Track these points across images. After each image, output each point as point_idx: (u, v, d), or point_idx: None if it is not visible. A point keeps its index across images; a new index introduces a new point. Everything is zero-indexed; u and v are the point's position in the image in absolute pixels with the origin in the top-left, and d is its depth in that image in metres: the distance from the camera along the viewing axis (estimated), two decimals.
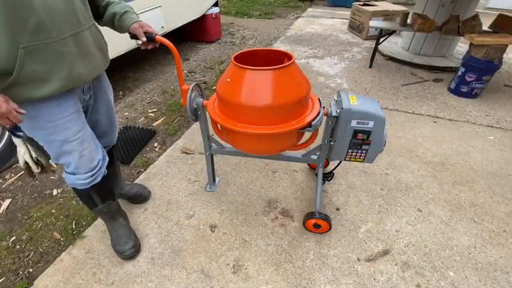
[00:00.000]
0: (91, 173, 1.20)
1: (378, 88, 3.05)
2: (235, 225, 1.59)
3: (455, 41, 3.52)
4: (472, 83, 2.71)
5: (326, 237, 1.52)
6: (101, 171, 1.24)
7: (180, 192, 1.80)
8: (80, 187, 1.22)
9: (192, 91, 1.30)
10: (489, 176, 1.90)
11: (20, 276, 1.38)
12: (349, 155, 1.33)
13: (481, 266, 1.38)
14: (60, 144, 1.07)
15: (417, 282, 1.32)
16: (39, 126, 1.03)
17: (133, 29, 1.15)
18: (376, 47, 3.39)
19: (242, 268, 1.38)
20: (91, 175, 1.20)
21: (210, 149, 1.62)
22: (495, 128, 2.39)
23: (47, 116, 1.01)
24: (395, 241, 1.50)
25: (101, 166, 1.24)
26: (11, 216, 1.68)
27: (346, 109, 1.17)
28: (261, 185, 1.85)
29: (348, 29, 5.01)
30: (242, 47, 4.27)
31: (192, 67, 3.66)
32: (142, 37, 1.15)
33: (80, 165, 1.16)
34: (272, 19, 5.89)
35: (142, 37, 1.15)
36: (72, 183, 1.21)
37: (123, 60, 3.77)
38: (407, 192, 1.78)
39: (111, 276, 1.35)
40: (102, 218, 1.45)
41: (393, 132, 2.33)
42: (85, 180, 1.20)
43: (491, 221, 1.60)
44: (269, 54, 1.30)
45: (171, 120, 2.57)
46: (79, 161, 1.14)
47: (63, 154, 1.11)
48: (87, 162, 1.17)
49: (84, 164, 1.17)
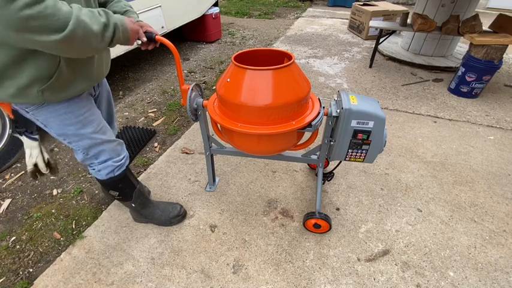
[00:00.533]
0: (124, 154, 1.30)
1: (378, 88, 3.05)
2: (235, 225, 1.59)
3: (455, 41, 3.52)
4: (472, 83, 2.71)
5: (326, 237, 1.52)
6: (127, 153, 1.34)
7: (180, 192, 1.80)
8: (118, 171, 1.29)
9: (192, 91, 1.30)
10: (489, 176, 1.90)
11: (20, 276, 1.38)
12: (349, 155, 1.33)
13: (481, 266, 1.38)
14: (90, 135, 1.14)
15: (417, 282, 1.32)
16: (70, 122, 1.08)
17: None
18: (376, 47, 3.39)
19: (242, 268, 1.38)
20: (124, 155, 1.30)
21: (210, 149, 1.62)
22: (495, 128, 2.39)
23: (76, 111, 1.07)
24: (395, 241, 1.50)
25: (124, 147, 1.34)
26: (11, 216, 1.68)
27: (346, 109, 1.17)
28: (261, 185, 1.85)
29: (348, 29, 5.01)
30: (242, 47, 4.27)
31: (192, 67, 3.66)
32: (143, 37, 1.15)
33: (113, 149, 1.24)
34: (272, 19, 5.89)
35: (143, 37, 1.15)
36: (111, 170, 1.26)
37: (123, 60, 3.77)
38: (407, 192, 1.78)
39: (111, 276, 1.35)
40: (141, 203, 1.49)
41: (393, 132, 2.33)
42: (121, 162, 1.28)
43: (491, 221, 1.60)
44: (269, 54, 1.30)
45: (171, 120, 2.57)
46: (109, 146, 1.22)
47: (94, 145, 1.17)
48: (117, 146, 1.26)
49: (115, 147, 1.25)
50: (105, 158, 1.23)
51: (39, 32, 0.72)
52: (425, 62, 3.44)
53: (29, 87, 0.90)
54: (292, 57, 1.16)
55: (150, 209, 1.54)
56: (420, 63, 3.45)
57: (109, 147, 1.22)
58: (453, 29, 2.90)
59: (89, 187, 1.86)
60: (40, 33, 0.73)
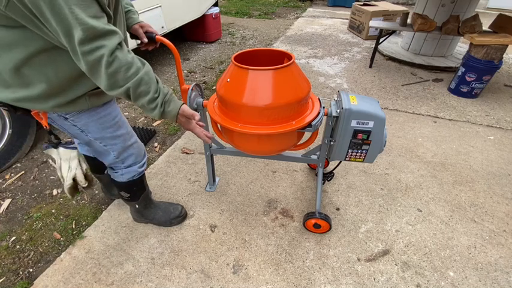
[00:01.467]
0: (146, 158, 1.34)
1: (378, 88, 3.05)
2: (235, 225, 1.59)
3: (455, 41, 3.52)
4: (472, 83, 2.71)
5: (326, 237, 1.52)
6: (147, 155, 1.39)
7: (180, 192, 1.80)
8: (139, 175, 1.32)
9: (192, 91, 1.30)
10: (489, 176, 1.90)
11: (20, 276, 1.38)
12: (349, 155, 1.33)
13: (481, 266, 1.38)
14: (125, 137, 1.17)
15: (417, 282, 1.32)
16: (108, 124, 1.09)
17: (135, 30, 1.16)
18: (376, 47, 3.39)
19: (242, 268, 1.38)
20: (145, 160, 1.33)
21: (210, 149, 1.62)
22: (495, 128, 2.39)
23: (112, 113, 1.10)
24: (395, 241, 1.50)
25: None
26: (11, 216, 1.68)
27: (346, 109, 1.17)
28: (261, 185, 1.85)
29: (348, 29, 5.01)
30: (242, 47, 4.27)
31: (192, 67, 3.66)
32: (144, 38, 1.16)
33: (138, 153, 1.26)
34: (272, 19, 5.89)
35: (143, 38, 1.16)
36: (135, 174, 1.29)
37: None
38: (407, 192, 1.78)
39: (111, 276, 1.35)
40: (145, 204, 1.50)
41: (393, 132, 2.33)
42: (143, 167, 1.32)
43: (491, 221, 1.60)
44: (269, 54, 1.30)
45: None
46: (136, 150, 1.25)
47: (127, 148, 1.19)
48: (141, 149, 1.29)
49: (140, 151, 1.28)
50: (130, 163, 1.26)
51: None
52: (425, 62, 3.44)
53: (82, 96, 0.93)
54: (292, 57, 1.16)
55: (152, 210, 1.54)
56: (420, 63, 3.45)
57: (136, 151, 1.25)
58: (453, 29, 2.90)
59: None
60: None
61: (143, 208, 1.51)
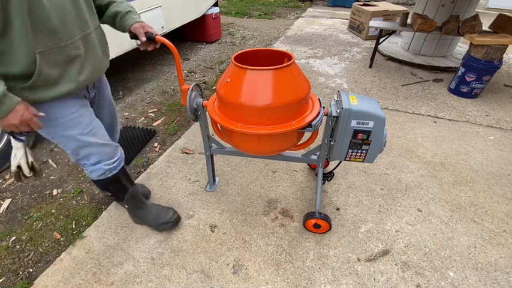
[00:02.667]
0: (116, 157, 1.28)
1: (378, 88, 3.05)
2: (235, 225, 1.59)
3: (455, 41, 3.52)
4: (472, 83, 2.71)
5: (326, 237, 1.52)
6: (123, 156, 1.32)
7: (180, 192, 1.80)
8: (110, 174, 1.27)
9: (192, 91, 1.30)
10: (489, 176, 1.90)
11: (20, 276, 1.38)
12: (349, 155, 1.33)
13: (481, 266, 1.38)
14: (76, 137, 1.12)
15: (417, 282, 1.32)
16: (53, 124, 1.06)
17: (134, 29, 1.16)
18: (376, 47, 3.39)
19: (242, 268, 1.38)
20: (117, 158, 1.28)
21: (210, 149, 1.62)
22: (495, 128, 2.39)
23: (59, 113, 1.05)
24: (395, 241, 1.50)
25: (121, 151, 1.33)
26: (11, 216, 1.68)
27: (346, 109, 1.17)
28: (261, 185, 1.85)
29: (348, 29, 5.01)
30: (242, 47, 4.27)
31: (192, 67, 3.66)
32: (142, 37, 1.16)
33: (103, 152, 1.22)
34: (272, 19, 5.89)
35: (142, 37, 1.15)
36: (102, 172, 1.25)
37: (123, 60, 3.77)
38: (407, 192, 1.78)
39: (111, 276, 1.35)
40: (134, 205, 1.48)
41: (393, 132, 2.33)
42: (113, 165, 1.26)
43: (491, 221, 1.60)
44: (269, 54, 1.30)
45: (171, 120, 2.57)
46: (100, 149, 1.20)
47: (82, 147, 1.16)
48: (108, 149, 1.24)
49: (106, 150, 1.23)
50: (95, 160, 1.22)
51: None
52: (425, 62, 3.44)
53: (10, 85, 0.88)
54: (292, 57, 1.16)
55: (143, 211, 1.51)
56: (420, 63, 3.45)
57: (99, 150, 1.20)
58: (453, 29, 2.90)
59: (89, 187, 1.86)
60: None
61: (134, 208, 1.49)
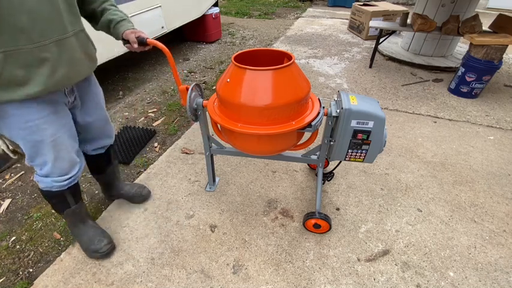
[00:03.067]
0: (69, 175, 1.21)
1: (378, 88, 3.05)
2: (235, 225, 1.59)
3: (455, 41, 3.52)
4: (472, 83, 2.71)
5: (326, 237, 1.52)
6: (78, 174, 1.26)
7: (180, 192, 1.80)
8: (56, 189, 1.22)
9: (192, 91, 1.30)
10: (489, 176, 1.90)
11: (20, 276, 1.38)
12: (349, 155, 1.33)
13: (481, 266, 1.38)
14: (36, 144, 1.07)
15: (417, 282, 1.32)
16: (17, 125, 1.02)
17: (126, 35, 1.18)
18: (376, 47, 3.39)
19: (242, 268, 1.38)
20: (69, 177, 1.22)
21: (210, 149, 1.62)
22: (495, 128, 2.39)
23: (25, 116, 1.01)
24: (395, 241, 1.50)
25: (79, 169, 1.26)
26: (11, 216, 1.68)
27: (346, 109, 1.17)
28: (261, 185, 1.85)
29: (348, 29, 5.01)
30: (242, 47, 4.27)
31: (192, 67, 3.66)
32: (135, 43, 1.18)
33: (58, 166, 1.16)
34: (272, 19, 5.89)
35: (134, 43, 1.18)
36: (48, 186, 1.20)
37: (123, 60, 3.77)
38: (407, 192, 1.78)
39: (111, 276, 1.35)
40: (71, 221, 1.40)
41: (393, 132, 2.33)
42: (62, 182, 1.20)
43: (491, 221, 1.60)
44: (269, 54, 1.30)
45: (171, 120, 2.57)
46: (55, 163, 1.14)
47: (39, 155, 1.11)
48: (65, 165, 1.18)
49: (61, 165, 1.17)
50: (46, 173, 1.16)
51: None
52: (425, 62, 3.44)
53: None
54: (292, 57, 1.16)
55: (79, 231, 1.43)
56: (420, 63, 3.45)
57: (54, 164, 1.14)
58: (453, 29, 2.90)
59: (89, 187, 1.86)
60: None
61: (70, 224, 1.43)
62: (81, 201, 1.39)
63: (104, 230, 1.48)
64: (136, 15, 2.78)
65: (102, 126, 1.37)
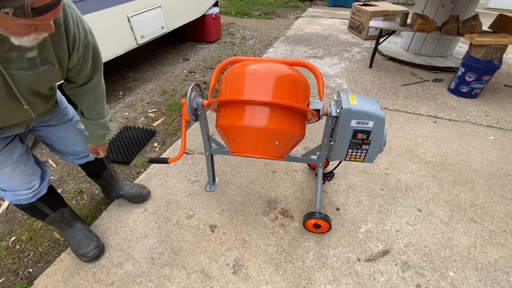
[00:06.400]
0: (35, 188, 1.14)
1: (378, 88, 3.05)
2: (235, 225, 1.59)
3: (455, 41, 3.51)
4: (472, 83, 2.71)
5: (326, 237, 1.52)
6: (42, 186, 1.18)
7: (180, 192, 1.80)
8: (24, 202, 1.14)
9: (192, 91, 1.30)
10: (489, 176, 1.90)
11: (20, 276, 1.38)
12: (349, 155, 1.33)
13: (481, 266, 1.38)
14: None
15: (417, 282, 1.32)
16: None
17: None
18: (376, 47, 3.39)
19: (242, 268, 1.38)
20: (33, 190, 1.14)
21: (210, 149, 1.62)
22: (495, 128, 2.39)
23: None
24: (395, 241, 1.50)
25: (44, 181, 1.19)
26: (11, 216, 1.68)
27: (346, 109, 1.17)
28: (261, 185, 1.85)
29: (348, 29, 5.01)
30: (242, 47, 4.27)
31: (192, 67, 3.66)
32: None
33: (13, 185, 1.09)
34: (272, 19, 5.88)
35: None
36: (14, 200, 1.13)
37: (123, 60, 3.77)
38: (407, 192, 1.78)
39: (111, 276, 1.35)
40: (58, 227, 1.39)
41: (393, 132, 2.33)
42: (27, 195, 1.13)
43: (491, 221, 1.60)
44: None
45: (171, 120, 2.57)
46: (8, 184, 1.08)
47: None
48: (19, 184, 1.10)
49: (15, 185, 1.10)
50: (4, 187, 1.10)
51: None
52: (425, 62, 3.44)
53: None
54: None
55: (68, 234, 1.41)
56: (420, 63, 3.44)
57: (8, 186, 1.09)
58: (453, 29, 2.90)
59: (89, 187, 1.86)
60: None
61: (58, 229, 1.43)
62: (61, 208, 1.33)
63: (93, 233, 1.46)
64: (136, 15, 2.77)
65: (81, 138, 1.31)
